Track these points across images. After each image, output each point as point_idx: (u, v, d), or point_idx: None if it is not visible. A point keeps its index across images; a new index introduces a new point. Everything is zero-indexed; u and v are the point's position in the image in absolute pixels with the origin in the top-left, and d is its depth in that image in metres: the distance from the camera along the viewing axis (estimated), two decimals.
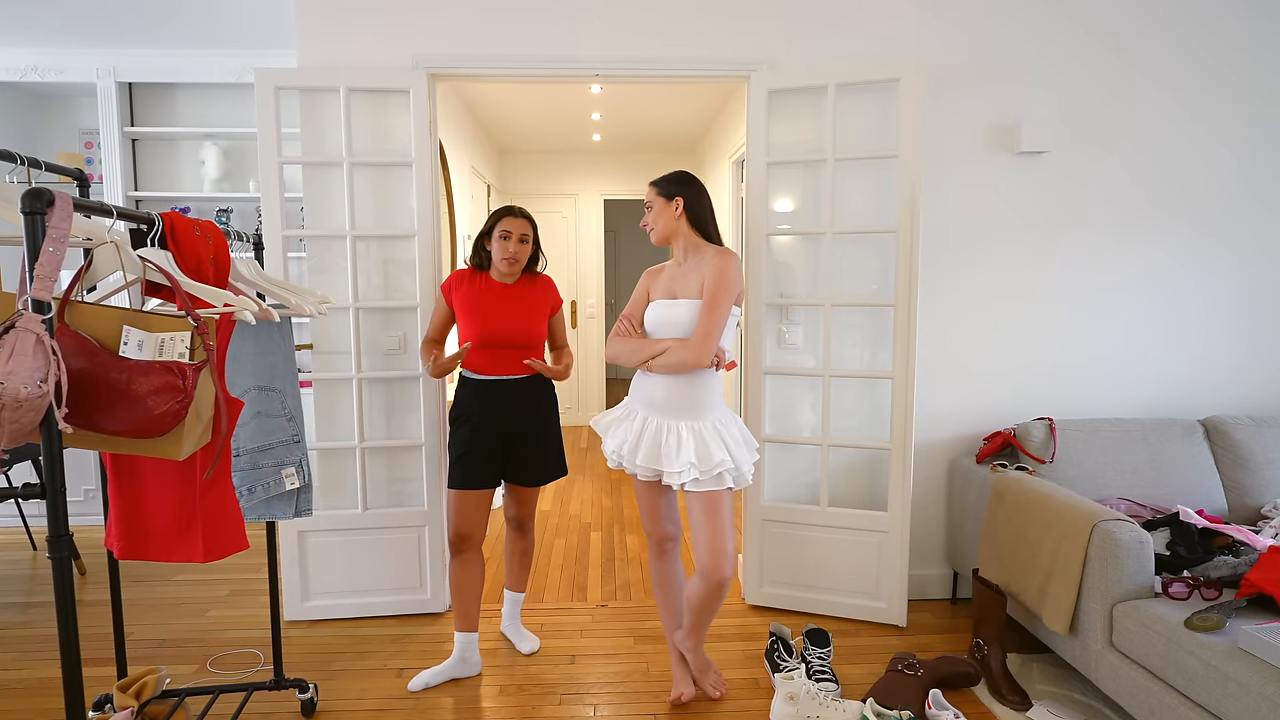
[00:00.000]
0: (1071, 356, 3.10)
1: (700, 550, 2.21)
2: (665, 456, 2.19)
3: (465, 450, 2.51)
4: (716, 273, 2.19)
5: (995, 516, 2.64)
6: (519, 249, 2.50)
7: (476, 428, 2.52)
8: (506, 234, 2.49)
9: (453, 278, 2.58)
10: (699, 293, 2.22)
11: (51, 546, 1.41)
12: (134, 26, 3.76)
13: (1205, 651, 1.83)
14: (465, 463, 2.51)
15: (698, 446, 2.18)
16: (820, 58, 2.93)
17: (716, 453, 2.17)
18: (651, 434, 2.23)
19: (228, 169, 4.34)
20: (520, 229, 2.50)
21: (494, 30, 2.90)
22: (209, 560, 1.74)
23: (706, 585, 2.21)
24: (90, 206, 1.56)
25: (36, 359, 1.27)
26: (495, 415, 2.53)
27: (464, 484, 2.51)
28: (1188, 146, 3.03)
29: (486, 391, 2.53)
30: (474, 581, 2.57)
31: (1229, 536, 2.34)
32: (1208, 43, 3.00)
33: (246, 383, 2.13)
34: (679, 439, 2.20)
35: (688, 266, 2.29)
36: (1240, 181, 3.06)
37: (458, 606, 2.57)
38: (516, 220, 2.50)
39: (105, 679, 2.47)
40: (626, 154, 6.95)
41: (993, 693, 2.42)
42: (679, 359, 2.17)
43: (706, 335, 2.16)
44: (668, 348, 2.20)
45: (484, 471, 2.53)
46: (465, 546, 2.55)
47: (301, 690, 2.33)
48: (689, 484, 2.17)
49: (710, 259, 2.24)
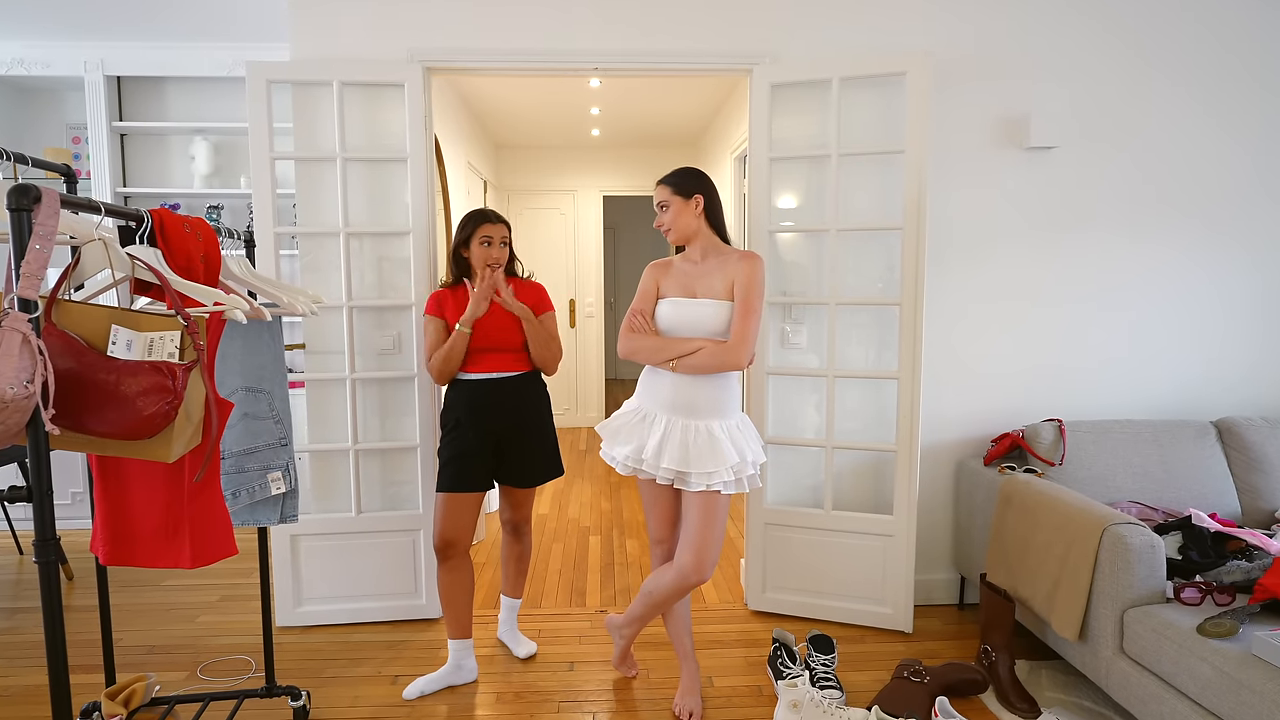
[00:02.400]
0: (1081, 356, 3.07)
1: (686, 550, 2.20)
2: (696, 457, 2.14)
3: (456, 453, 2.47)
4: (748, 276, 2.18)
5: (1003, 520, 2.60)
6: (501, 253, 2.50)
7: (467, 429, 2.48)
8: (487, 239, 2.48)
9: (438, 296, 2.54)
10: (725, 294, 2.19)
11: (38, 550, 1.39)
12: (123, 18, 3.71)
13: (1218, 658, 1.81)
14: (456, 465, 2.46)
15: (735, 446, 2.17)
16: (824, 51, 2.90)
17: (749, 452, 2.18)
18: (678, 435, 2.18)
19: (218, 164, 4.29)
20: (499, 233, 2.50)
21: (490, 22, 2.86)
22: (196, 566, 1.73)
23: (680, 584, 2.23)
24: (78, 203, 1.54)
25: (23, 359, 1.25)
26: (486, 415, 2.49)
27: (454, 486, 2.45)
28: (1201, 142, 3.00)
29: (477, 392, 2.49)
30: (464, 588, 2.52)
31: (1242, 540, 2.32)
32: (1222, 36, 2.97)
33: (234, 383, 2.10)
34: (711, 438, 2.16)
35: (707, 266, 2.25)
36: (1255, 179, 3.03)
37: (449, 615, 2.52)
38: (495, 226, 2.50)
39: (93, 686, 2.43)
40: (626, 149, 6.89)
41: (1001, 700, 2.40)
42: (716, 361, 2.15)
43: (744, 339, 2.15)
44: (700, 348, 2.17)
45: (475, 474, 2.48)
46: (452, 553, 2.48)
47: (294, 698, 2.30)
48: (718, 485, 2.14)
49: (737, 261, 2.21)
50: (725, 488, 2.15)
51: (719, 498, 2.17)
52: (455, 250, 2.54)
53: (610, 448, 2.31)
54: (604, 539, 4.02)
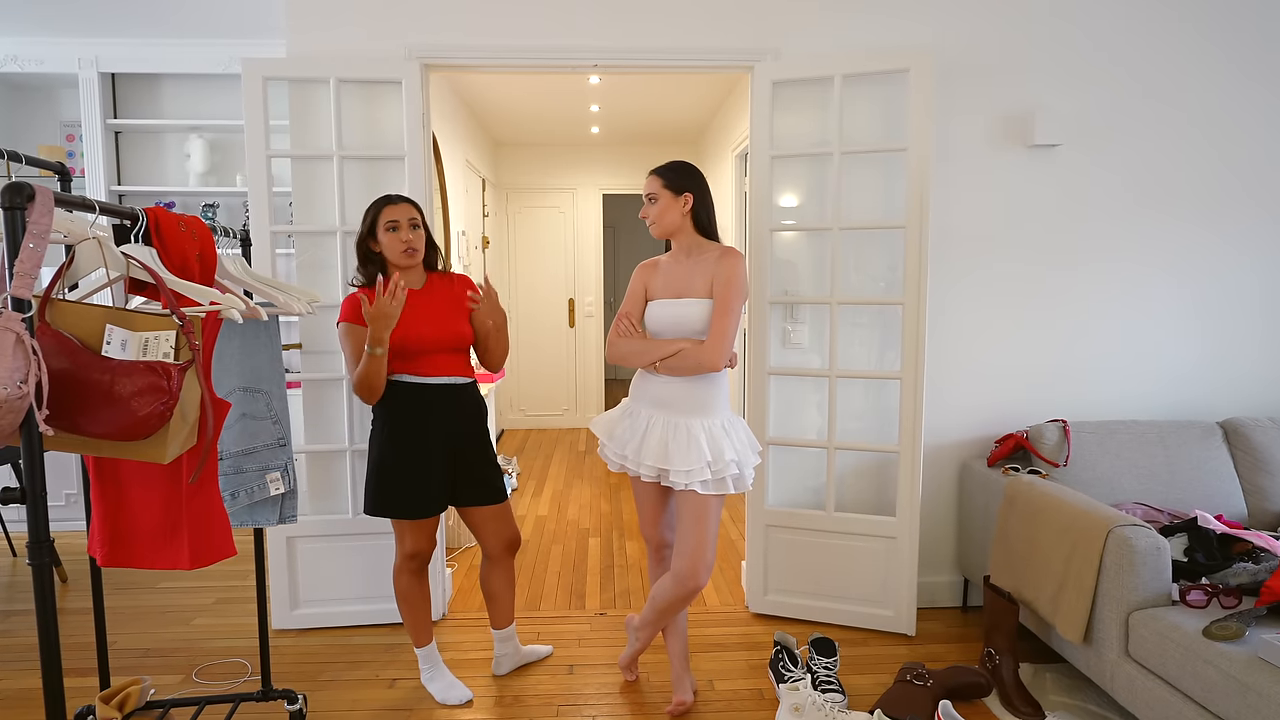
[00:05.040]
0: (1086, 356, 3.06)
1: (680, 554, 2.20)
2: (674, 454, 2.14)
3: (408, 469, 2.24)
4: (728, 275, 2.16)
5: (1007, 522, 2.59)
6: (413, 235, 2.25)
7: (417, 441, 2.25)
8: (394, 224, 2.23)
9: (355, 300, 2.21)
10: (707, 292, 2.19)
11: (32, 553, 1.38)
12: (117, 15, 3.68)
13: (1224, 661, 1.80)
14: (409, 484, 2.25)
15: (710, 445, 2.14)
16: (825, 48, 2.88)
17: (728, 451, 2.15)
18: (659, 432, 2.18)
19: (214, 163, 4.27)
20: (407, 214, 2.25)
21: (489, 19, 2.84)
22: (195, 567, 1.72)
23: (679, 591, 2.22)
24: (72, 201, 1.53)
25: (16, 359, 1.24)
26: (439, 423, 2.29)
27: (415, 512, 2.26)
28: (1206, 140, 2.98)
29: (429, 396, 2.27)
30: (428, 594, 2.47)
31: (1248, 542, 2.30)
32: (1225, 36, 2.95)
33: (231, 384, 2.09)
34: (689, 436, 2.15)
35: (690, 264, 2.25)
36: (1259, 178, 3.01)
37: (418, 621, 2.43)
38: (400, 206, 2.25)
39: (88, 690, 2.42)
40: (626, 147, 6.88)
41: (1004, 704, 2.38)
42: (694, 361, 2.15)
43: (721, 338, 2.14)
44: (681, 349, 2.17)
45: (434, 493, 2.28)
46: (418, 563, 2.40)
47: (290, 701, 2.29)
48: (696, 484, 2.13)
49: (717, 259, 2.20)
50: (704, 487, 2.14)
51: (709, 500, 2.17)
52: (361, 246, 2.29)
53: (603, 444, 2.33)
54: (603, 541, 4.00)
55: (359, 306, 2.17)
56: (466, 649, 2.78)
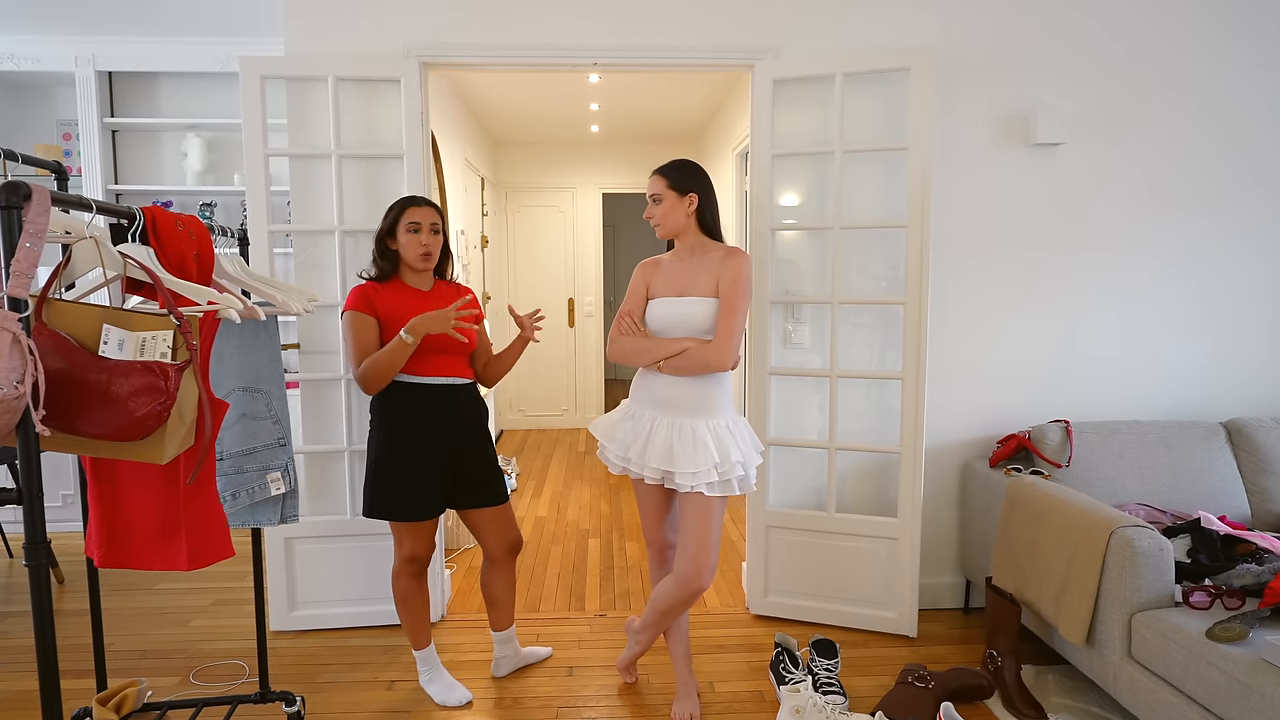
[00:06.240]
0: (1088, 356, 3.05)
1: (683, 556, 2.19)
2: (680, 456, 2.12)
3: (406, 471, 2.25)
4: (734, 274, 2.15)
5: (1009, 523, 2.58)
6: (432, 239, 2.28)
7: (419, 441, 2.26)
8: (415, 225, 2.26)
9: (364, 290, 2.27)
10: (712, 291, 2.17)
11: (28, 554, 1.37)
12: (114, 13, 3.66)
13: (1227, 663, 1.79)
14: (407, 486, 2.25)
15: (718, 446, 2.13)
16: (826, 46, 2.87)
17: (734, 453, 2.14)
18: (664, 433, 2.16)
19: (211, 161, 4.25)
20: (429, 218, 2.28)
21: (489, 18, 2.83)
22: (193, 568, 1.71)
23: (682, 593, 2.21)
24: (69, 200, 1.54)
25: (12, 359, 1.25)
26: (438, 425, 2.29)
27: (412, 514, 2.26)
28: (1209, 138, 2.97)
29: (428, 396, 2.28)
30: (427, 597, 2.46)
31: (1252, 543, 2.30)
32: (1230, 33, 2.94)
33: (231, 384, 2.09)
34: (695, 438, 2.13)
35: (694, 263, 2.24)
36: (1262, 176, 3.00)
37: (417, 623, 2.43)
38: (424, 209, 2.28)
39: (84, 692, 2.40)
40: (626, 146, 6.86)
41: (1007, 706, 2.37)
42: (700, 361, 2.13)
43: (729, 338, 2.13)
44: (687, 348, 2.15)
45: (431, 496, 2.29)
46: (417, 567, 2.39)
47: (288, 703, 2.28)
48: (702, 486, 2.11)
49: (722, 259, 2.19)
50: (710, 489, 2.13)
51: (713, 501, 2.15)
52: (380, 240, 2.31)
53: (604, 446, 2.31)
54: (603, 542, 3.99)
55: (367, 295, 2.25)
56: (465, 650, 2.77)
